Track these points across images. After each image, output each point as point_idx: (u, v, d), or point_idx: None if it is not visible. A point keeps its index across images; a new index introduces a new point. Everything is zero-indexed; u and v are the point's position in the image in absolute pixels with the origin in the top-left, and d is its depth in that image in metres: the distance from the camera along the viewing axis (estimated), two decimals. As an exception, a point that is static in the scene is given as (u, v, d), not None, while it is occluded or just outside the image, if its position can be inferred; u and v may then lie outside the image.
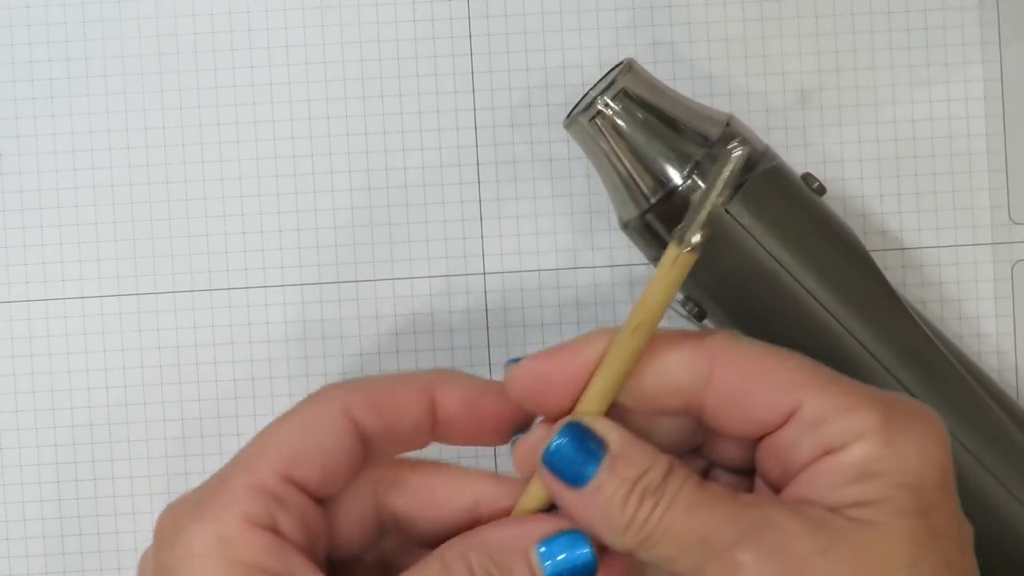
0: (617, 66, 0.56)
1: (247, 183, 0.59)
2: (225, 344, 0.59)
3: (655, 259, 0.56)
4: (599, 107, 0.55)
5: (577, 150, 0.58)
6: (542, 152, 0.60)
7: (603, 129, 0.55)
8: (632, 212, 0.56)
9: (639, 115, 0.55)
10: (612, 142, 0.55)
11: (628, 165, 0.55)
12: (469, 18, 0.60)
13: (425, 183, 0.60)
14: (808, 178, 0.56)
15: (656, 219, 0.55)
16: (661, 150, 0.55)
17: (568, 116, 0.56)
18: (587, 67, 0.59)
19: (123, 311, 0.59)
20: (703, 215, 0.46)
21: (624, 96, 0.55)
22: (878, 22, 0.60)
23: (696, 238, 0.47)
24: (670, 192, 0.55)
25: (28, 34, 0.59)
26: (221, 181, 0.59)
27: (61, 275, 0.59)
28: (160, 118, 0.59)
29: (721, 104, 0.59)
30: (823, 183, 0.56)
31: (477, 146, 0.60)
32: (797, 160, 0.59)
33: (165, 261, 0.59)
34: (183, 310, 0.59)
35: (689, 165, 0.54)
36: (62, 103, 0.59)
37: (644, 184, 0.55)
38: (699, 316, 0.56)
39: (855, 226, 0.57)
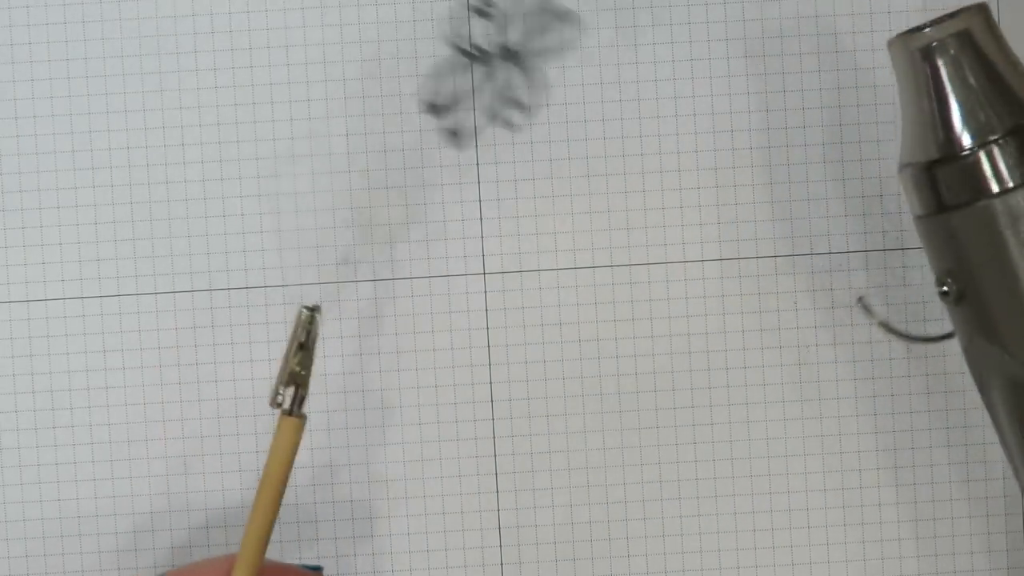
0: (967, 8, 0.52)
1: (247, 183, 0.59)
2: (225, 344, 0.59)
3: (917, 217, 0.53)
4: (936, 36, 0.52)
5: (578, 150, 0.58)
6: (542, 152, 0.60)
7: (929, 61, 0.52)
8: (917, 157, 0.52)
9: (969, 64, 0.52)
10: (931, 79, 0.52)
11: (934, 110, 0.52)
12: (469, 18, 0.60)
13: (425, 183, 0.60)
14: None
15: (932, 174, 0.52)
16: (972, 110, 0.52)
17: (897, 35, 0.53)
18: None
19: (123, 311, 0.59)
20: (282, 377, 0.53)
21: (966, 37, 0.52)
22: (878, 22, 0.60)
23: (286, 401, 0.53)
24: (954, 156, 0.52)
25: (28, 34, 0.59)
26: (221, 181, 0.59)
27: (61, 275, 0.59)
28: (160, 118, 0.59)
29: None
30: None
31: (477, 146, 0.60)
32: (797, 160, 0.59)
33: (165, 261, 0.59)
34: (183, 310, 0.59)
35: (994, 136, 0.51)
36: (62, 103, 0.59)
37: (937, 136, 0.52)
38: (957, 298, 0.52)
39: (856, 225, 0.57)
